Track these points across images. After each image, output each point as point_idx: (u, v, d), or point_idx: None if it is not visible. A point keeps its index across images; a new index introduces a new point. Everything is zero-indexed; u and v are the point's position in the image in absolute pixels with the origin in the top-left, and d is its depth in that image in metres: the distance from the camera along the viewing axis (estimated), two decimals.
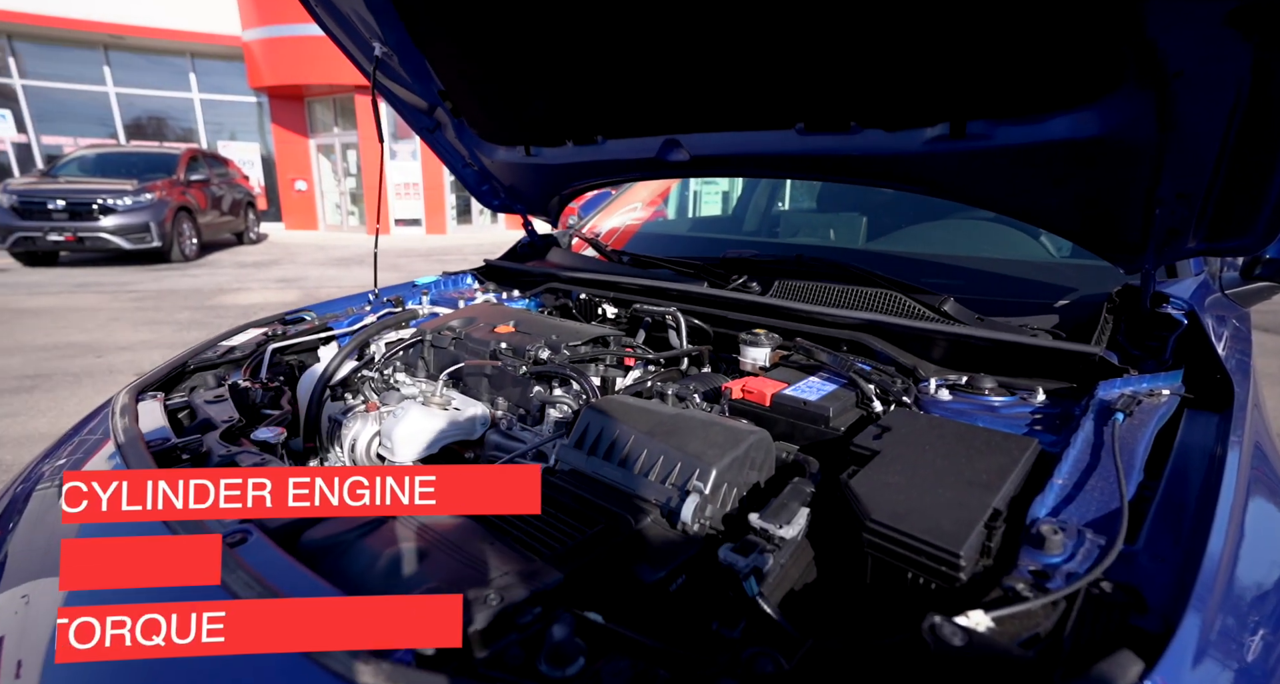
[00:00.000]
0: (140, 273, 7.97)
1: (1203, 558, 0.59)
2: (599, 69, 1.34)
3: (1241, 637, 0.57)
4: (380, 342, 1.52)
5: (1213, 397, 0.95)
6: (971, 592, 0.62)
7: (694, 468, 0.80)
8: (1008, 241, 1.72)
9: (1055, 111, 0.93)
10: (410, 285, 1.90)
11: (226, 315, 5.62)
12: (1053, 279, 1.40)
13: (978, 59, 0.93)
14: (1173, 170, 0.92)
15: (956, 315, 1.20)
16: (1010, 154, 1.01)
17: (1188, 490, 0.75)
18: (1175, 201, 0.96)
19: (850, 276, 1.38)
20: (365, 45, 1.52)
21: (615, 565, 0.71)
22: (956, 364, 1.13)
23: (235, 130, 15.32)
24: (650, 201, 2.91)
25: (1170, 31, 0.77)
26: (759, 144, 1.30)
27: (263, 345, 1.45)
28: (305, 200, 14.91)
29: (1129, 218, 1.03)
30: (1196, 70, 0.79)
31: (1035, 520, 0.67)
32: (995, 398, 0.99)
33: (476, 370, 1.27)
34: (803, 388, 1.03)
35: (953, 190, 1.16)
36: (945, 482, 0.73)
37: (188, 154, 9.90)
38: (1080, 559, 0.62)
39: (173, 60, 14.28)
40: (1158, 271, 1.17)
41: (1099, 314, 1.14)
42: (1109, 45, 0.82)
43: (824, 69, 1.08)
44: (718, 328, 1.39)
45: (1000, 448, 0.79)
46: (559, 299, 1.78)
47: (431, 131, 1.83)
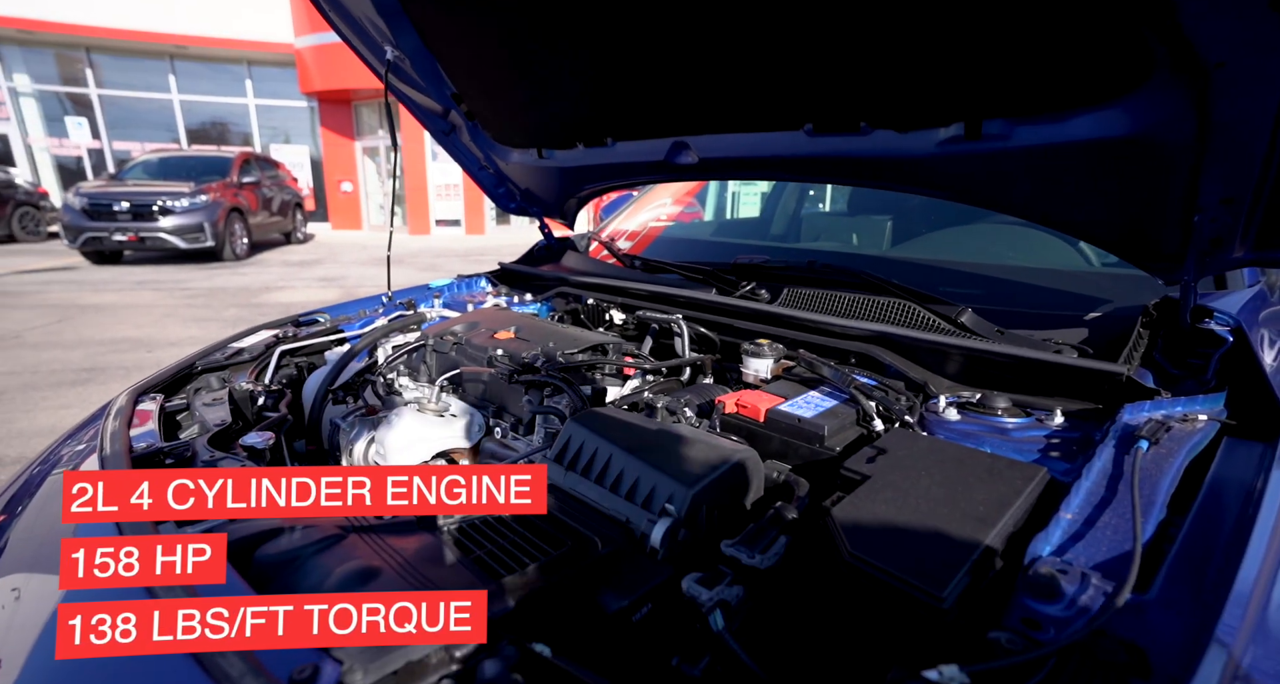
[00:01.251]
0: (194, 271, 8.37)
1: (1222, 611, 0.52)
2: (608, 71, 1.31)
3: None
4: (387, 345, 1.53)
5: (1259, 424, 0.86)
6: (953, 639, 0.56)
7: (669, 488, 0.76)
8: (1044, 248, 1.61)
9: (1079, 109, 0.86)
10: (424, 288, 1.92)
11: (270, 313, 5.84)
12: (1084, 289, 1.30)
13: (992, 53, 0.86)
14: (1215, 173, 0.83)
15: (974, 328, 1.12)
16: (1031, 156, 0.94)
17: (1218, 532, 0.67)
18: (1218, 207, 0.87)
19: (863, 285, 1.31)
20: (378, 48, 1.54)
21: (578, 591, 0.67)
22: (971, 380, 1.06)
23: (288, 134, 15.99)
24: (678, 199, 2.86)
25: (1208, 18, 0.69)
26: (767, 146, 1.25)
27: (271, 347, 1.48)
28: (350, 201, 15.43)
29: (1166, 225, 0.94)
30: (1240, 62, 0.71)
31: (1035, 560, 0.61)
32: (1008, 418, 0.91)
33: (474, 377, 1.26)
34: (800, 403, 0.98)
35: (970, 194, 1.09)
36: (938, 513, 0.67)
37: (241, 157, 10.36)
38: (1080, 608, 0.55)
39: (231, 67, 15.02)
40: (1202, 283, 1.07)
41: (1132, 329, 1.05)
42: (1136, 34, 0.74)
43: (832, 67, 1.03)
44: (724, 336, 1.34)
45: (1003, 476, 0.72)
46: (569, 304, 1.76)
47: (447, 134, 1.83)
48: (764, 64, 1.09)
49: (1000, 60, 0.86)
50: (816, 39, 0.98)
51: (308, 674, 0.48)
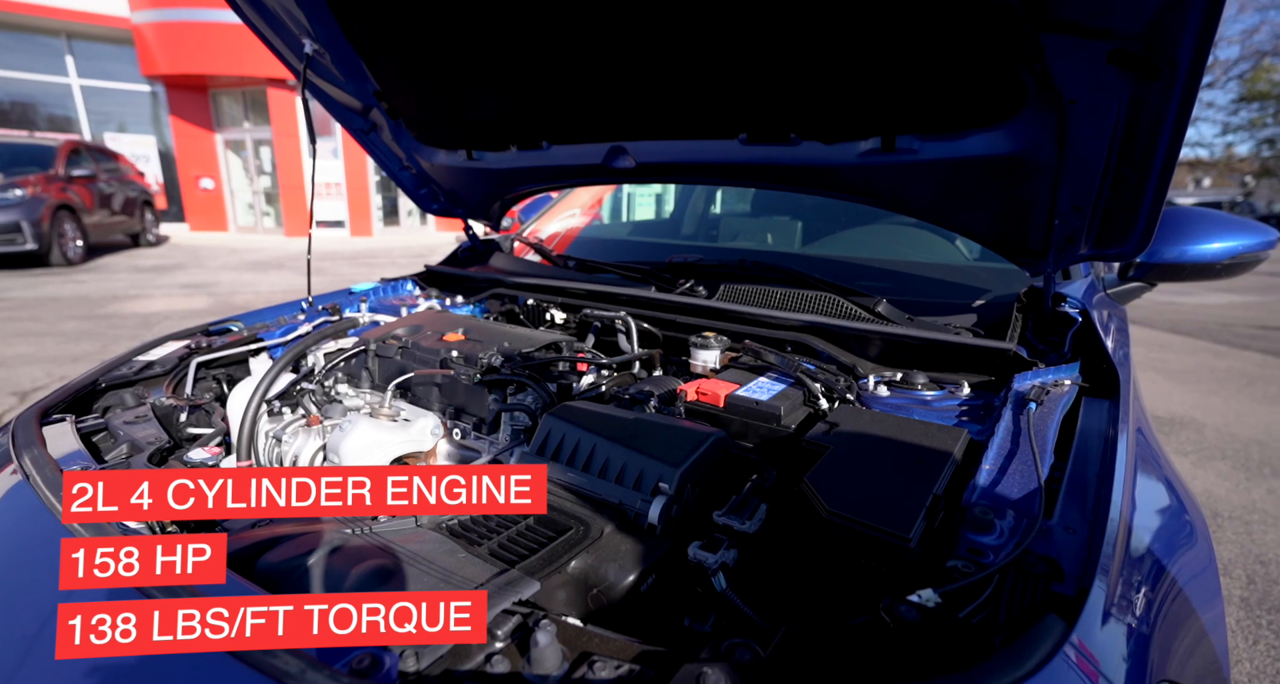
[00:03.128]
0: (15, 279, 7.16)
1: (1105, 530, 0.68)
2: (545, 75, 1.34)
3: (1131, 595, 0.66)
4: (319, 352, 1.45)
5: (1103, 385, 1.08)
6: (919, 571, 0.68)
7: (658, 470, 0.82)
8: (927, 245, 1.86)
9: (972, 130, 1.03)
10: (347, 292, 1.83)
11: (123, 325, 5.15)
12: (969, 281, 1.53)
13: (904, 80, 1.01)
14: (1068, 185, 1.03)
15: (889, 316, 1.29)
16: (935, 167, 1.10)
17: (1089, 469, 0.85)
18: (1071, 212, 1.07)
19: (791, 280, 1.45)
20: (294, 41, 1.46)
21: (586, 569, 0.72)
22: (891, 361, 1.22)
23: (124, 121, 14.01)
24: (589, 207, 2.92)
25: (1064, 66, 0.87)
26: (704, 153, 1.35)
27: (186, 359, 1.36)
28: (213, 200, 13.87)
29: (1034, 226, 1.15)
30: (1086, 100, 0.90)
31: (969, 503, 0.75)
32: (927, 392, 1.08)
33: (426, 380, 1.24)
34: (753, 388, 1.08)
35: (885, 199, 1.25)
36: (891, 472, 0.79)
37: (67, 146, 8.95)
38: (1008, 536, 0.69)
39: (44, 40, 12.86)
40: (1057, 274, 1.30)
41: (1010, 313, 1.26)
42: (1015, 72, 0.91)
43: (765, 84, 1.14)
44: (666, 331, 1.42)
45: (936, 438, 0.87)
46: (504, 305, 1.76)
47: (366, 133, 1.76)
48: (702, 77, 1.18)
49: (912, 86, 1.01)
50: (752, 57, 1.09)
51: (366, 664, 0.50)
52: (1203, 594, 0.83)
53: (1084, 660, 0.51)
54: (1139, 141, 0.89)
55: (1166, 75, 0.78)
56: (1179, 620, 0.74)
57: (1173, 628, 0.71)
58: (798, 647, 0.53)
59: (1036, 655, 0.49)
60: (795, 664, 0.52)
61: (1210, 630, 0.80)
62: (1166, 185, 0.92)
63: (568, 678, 0.54)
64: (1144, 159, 0.91)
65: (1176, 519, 0.93)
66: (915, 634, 0.54)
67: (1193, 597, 0.80)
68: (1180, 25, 0.72)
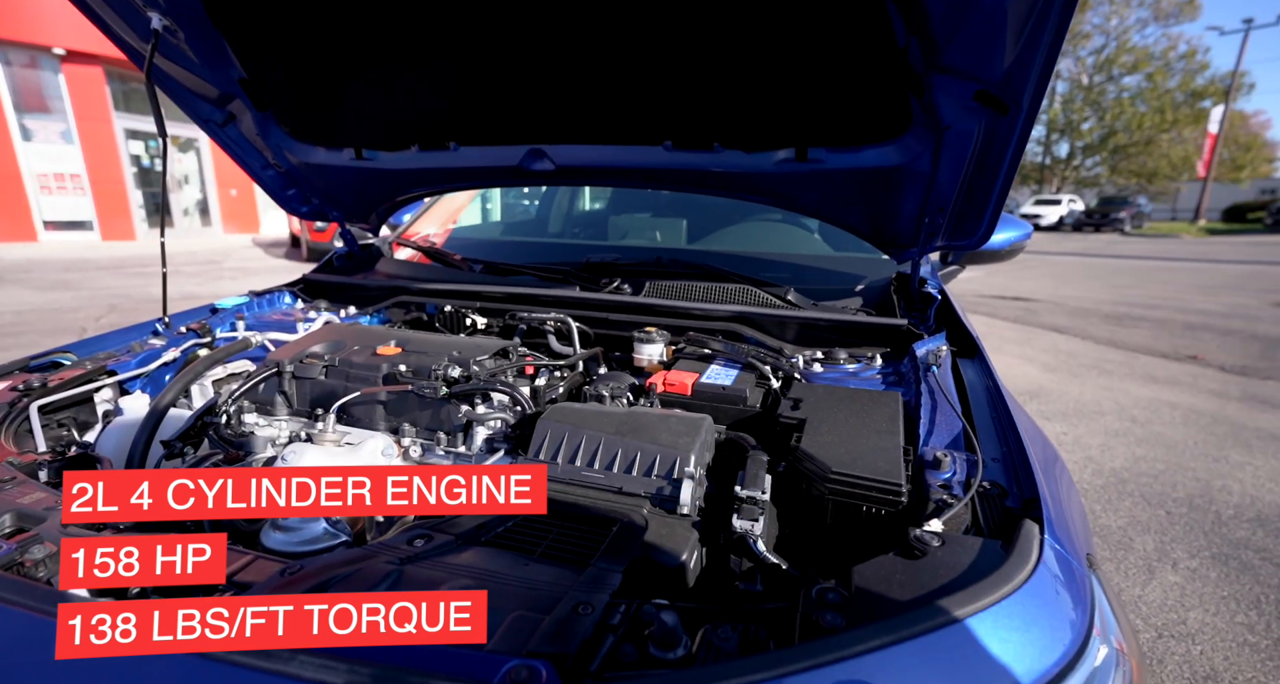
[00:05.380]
0: None
1: (1026, 455, 0.89)
2: (458, 70, 1.29)
3: (1050, 492, 0.88)
4: (205, 382, 1.25)
5: (965, 348, 1.37)
6: (908, 511, 0.83)
7: (673, 457, 0.89)
8: (793, 238, 2.13)
9: (870, 144, 1.23)
10: (208, 310, 1.56)
11: None
12: (849, 269, 1.80)
13: (819, 100, 1.18)
14: (936, 192, 1.29)
15: (798, 303, 1.48)
16: (836, 175, 1.30)
17: (988, 413, 1.09)
18: (936, 213, 1.34)
19: (709, 275, 1.59)
20: (136, 15, 1.21)
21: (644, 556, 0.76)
22: (806, 342, 1.41)
23: None
24: (458, 210, 2.80)
25: (944, 98, 1.09)
26: (628, 157, 1.41)
27: (18, 403, 1.08)
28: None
29: (905, 223, 1.41)
30: (957, 125, 1.14)
31: (924, 450, 0.93)
32: (850, 365, 1.27)
33: (369, 398, 1.14)
34: (713, 375, 1.18)
35: (788, 201, 1.43)
36: (862, 434, 0.94)
37: None
38: (960, 472, 0.88)
39: None
40: (923, 261, 1.60)
41: (888, 294, 1.52)
42: (904, 99, 1.13)
43: (693, 96, 1.24)
44: (598, 329, 1.47)
45: (881, 402, 1.05)
46: (410, 313, 1.66)
47: (221, 125, 1.52)
48: (626, 84, 1.24)
49: (825, 105, 1.18)
50: (684, 70, 1.18)
51: (524, 675, 0.50)
52: (1069, 489, 1.12)
53: (1056, 546, 0.69)
54: (990, 159, 1.15)
55: (1014, 111, 1.03)
56: (1070, 511, 1.00)
57: (1072, 517, 0.96)
58: (868, 579, 0.64)
59: (1034, 551, 0.66)
60: (873, 595, 0.62)
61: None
62: (1007, 192, 1.20)
63: (704, 644, 0.58)
64: (992, 172, 1.18)
65: (1042, 437, 1.23)
66: (937, 554, 0.68)
67: (1068, 493, 1.07)
68: (1025, 76, 0.96)
